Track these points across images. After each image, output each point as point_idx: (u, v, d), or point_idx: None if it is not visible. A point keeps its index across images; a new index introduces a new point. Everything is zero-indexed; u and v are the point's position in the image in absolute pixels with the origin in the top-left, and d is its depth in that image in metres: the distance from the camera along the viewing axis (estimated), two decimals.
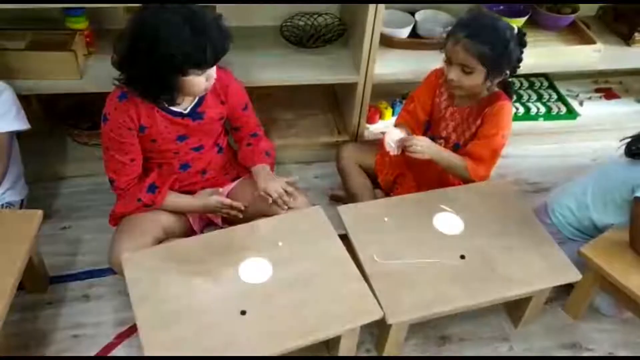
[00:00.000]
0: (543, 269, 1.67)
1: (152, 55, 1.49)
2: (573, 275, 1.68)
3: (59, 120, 2.21)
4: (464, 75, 1.74)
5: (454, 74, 1.75)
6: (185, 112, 1.71)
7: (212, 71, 1.61)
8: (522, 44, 1.77)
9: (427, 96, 1.93)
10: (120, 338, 1.71)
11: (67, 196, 2.11)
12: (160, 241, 1.71)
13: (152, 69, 1.52)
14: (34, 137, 2.08)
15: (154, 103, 1.65)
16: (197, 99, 1.72)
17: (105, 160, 1.73)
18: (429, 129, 1.98)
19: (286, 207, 1.77)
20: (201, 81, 1.60)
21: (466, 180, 1.90)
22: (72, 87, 1.95)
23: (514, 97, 2.56)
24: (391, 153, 1.82)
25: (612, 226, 1.79)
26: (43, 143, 2.17)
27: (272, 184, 1.76)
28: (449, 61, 1.76)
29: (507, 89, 1.88)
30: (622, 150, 1.78)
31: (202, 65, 1.54)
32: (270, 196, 1.75)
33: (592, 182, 1.85)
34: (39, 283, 1.79)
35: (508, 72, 1.78)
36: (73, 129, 2.16)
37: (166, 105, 1.67)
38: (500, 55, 1.71)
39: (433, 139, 1.92)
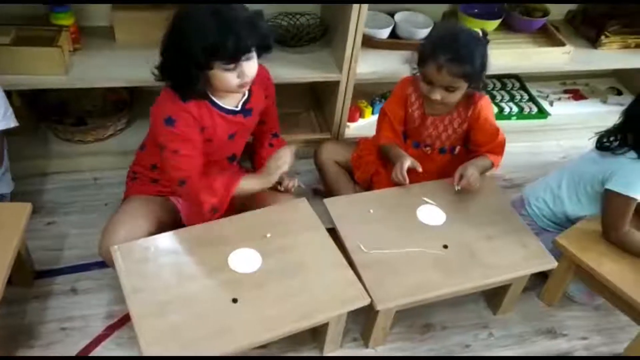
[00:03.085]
0: (521, 257, 1.74)
1: (178, 47, 1.50)
2: (549, 263, 1.76)
3: (42, 116, 2.20)
4: (448, 93, 1.79)
5: (438, 95, 1.78)
6: (237, 109, 1.70)
7: (247, 69, 1.56)
8: (487, 42, 1.82)
9: (399, 108, 1.96)
10: (111, 329, 1.72)
11: (51, 192, 2.11)
12: (152, 233, 1.72)
13: (178, 61, 1.52)
14: (17, 134, 2.08)
15: (193, 98, 1.61)
16: (246, 94, 1.71)
17: (175, 163, 1.63)
18: (408, 137, 2.02)
19: (282, 188, 1.81)
20: (230, 77, 1.55)
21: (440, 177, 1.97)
22: (58, 82, 1.96)
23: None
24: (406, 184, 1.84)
25: (585, 217, 1.88)
26: (26, 140, 2.16)
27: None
28: (430, 83, 1.79)
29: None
30: (593, 144, 1.87)
31: (223, 58, 1.50)
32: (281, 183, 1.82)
33: (566, 176, 1.94)
34: (26, 277, 1.79)
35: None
36: (57, 125, 2.16)
37: (219, 103, 1.66)
38: (481, 67, 1.77)
39: (418, 145, 2.00)
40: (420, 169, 1.85)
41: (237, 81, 1.57)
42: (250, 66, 1.57)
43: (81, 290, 1.82)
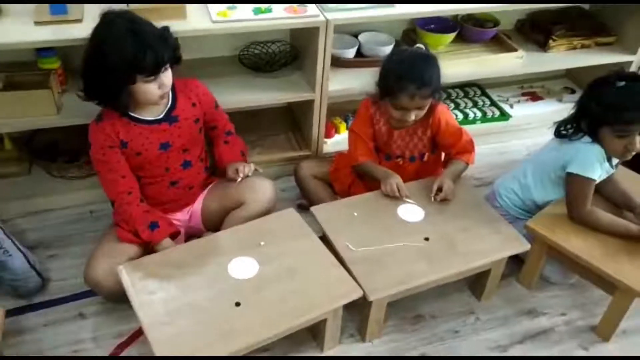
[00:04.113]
0: (497, 243, 1.89)
1: (101, 68, 1.67)
2: (522, 245, 1.91)
3: (35, 157, 2.30)
4: (420, 111, 1.96)
5: (412, 116, 1.95)
6: (160, 117, 1.85)
7: (165, 78, 1.75)
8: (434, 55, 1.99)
9: (366, 127, 2.11)
10: (121, 348, 1.81)
11: (50, 227, 2.20)
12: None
13: (102, 80, 1.69)
14: (12, 175, 2.20)
15: (118, 112, 1.79)
16: (169, 104, 1.86)
17: (103, 186, 1.88)
18: (379, 151, 2.17)
19: (242, 175, 1.95)
20: (152, 88, 1.73)
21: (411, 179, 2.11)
22: (50, 122, 2.07)
23: (452, 105, 2.85)
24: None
25: (552, 202, 2.04)
26: (21, 181, 2.27)
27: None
28: (403, 109, 1.94)
29: None
30: (552, 133, 2.04)
31: (144, 71, 1.68)
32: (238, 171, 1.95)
33: (531, 166, 2.10)
34: None
35: None
36: (51, 163, 2.27)
37: (137, 116, 1.82)
38: (439, 79, 1.95)
39: (390, 158, 2.15)
40: (408, 199, 2.00)
41: (158, 92, 1.75)
42: (167, 76, 1.76)
43: (89, 314, 1.90)
